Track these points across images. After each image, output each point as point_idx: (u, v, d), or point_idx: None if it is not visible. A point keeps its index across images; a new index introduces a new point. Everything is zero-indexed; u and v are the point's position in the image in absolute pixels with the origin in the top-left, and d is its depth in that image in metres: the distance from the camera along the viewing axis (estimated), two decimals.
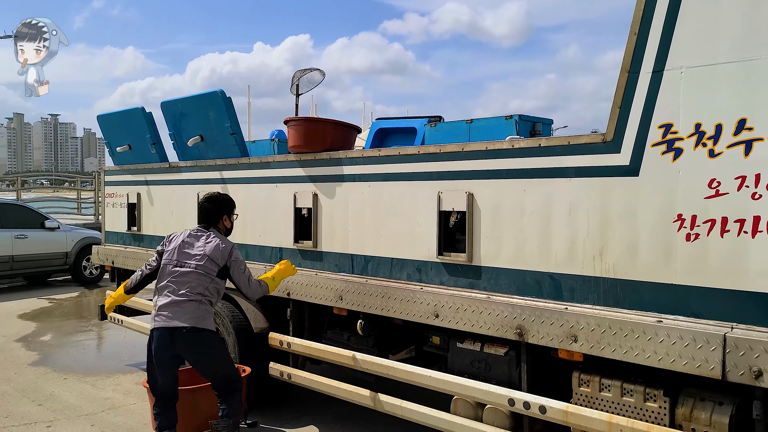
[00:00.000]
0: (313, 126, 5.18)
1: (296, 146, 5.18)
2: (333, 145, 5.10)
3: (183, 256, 4.52)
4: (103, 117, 7.43)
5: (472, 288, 4.14)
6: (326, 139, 5.13)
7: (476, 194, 4.11)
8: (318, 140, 5.14)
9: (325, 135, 5.14)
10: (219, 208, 4.75)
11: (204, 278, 4.47)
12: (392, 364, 4.51)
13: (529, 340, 3.75)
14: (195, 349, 4.49)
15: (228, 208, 4.79)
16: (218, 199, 4.77)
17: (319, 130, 5.16)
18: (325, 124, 5.22)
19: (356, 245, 4.86)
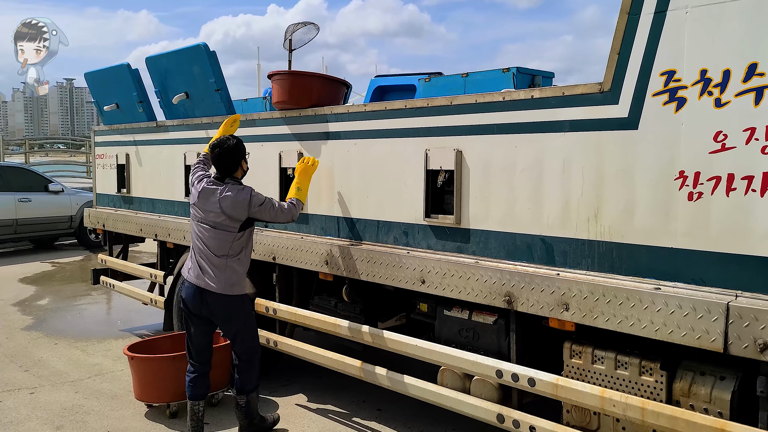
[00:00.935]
0: (299, 80, 4.87)
1: (280, 102, 4.89)
2: (320, 101, 4.80)
3: (203, 210, 4.28)
4: (91, 75, 7.16)
5: (460, 252, 3.88)
6: (312, 95, 4.83)
7: (465, 152, 3.81)
8: (304, 95, 4.84)
9: (311, 90, 4.84)
10: (236, 153, 4.33)
11: (225, 236, 4.23)
12: (377, 332, 4.28)
13: (518, 308, 3.49)
14: (223, 312, 4.31)
15: (243, 151, 4.42)
16: (232, 144, 4.35)
17: (305, 84, 4.86)
18: (311, 78, 4.92)
19: (342, 207, 4.60)
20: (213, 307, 4.27)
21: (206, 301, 4.25)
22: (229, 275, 4.25)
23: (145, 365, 4.82)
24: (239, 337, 4.42)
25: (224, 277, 4.23)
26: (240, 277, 4.32)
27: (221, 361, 5.02)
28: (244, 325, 4.41)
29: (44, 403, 5.15)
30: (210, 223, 4.25)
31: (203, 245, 4.26)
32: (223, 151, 4.30)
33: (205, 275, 4.23)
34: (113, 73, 6.78)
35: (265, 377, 5.56)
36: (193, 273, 4.29)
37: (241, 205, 4.21)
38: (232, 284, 4.26)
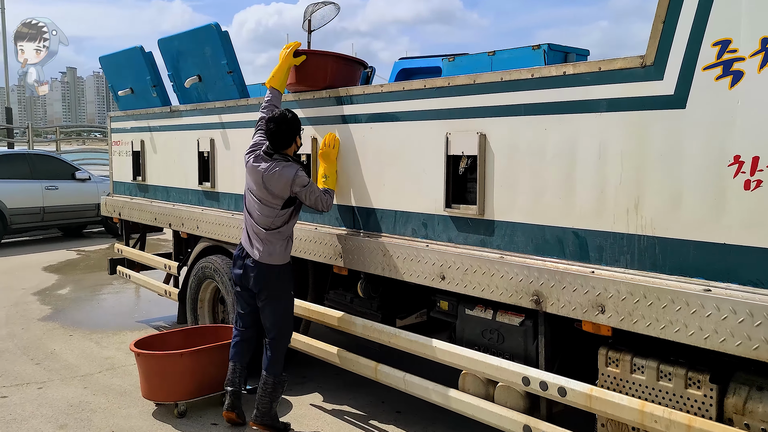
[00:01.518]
0: (311, 60, 4.55)
1: (292, 84, 4.57)
2: (334, 82, 4.47)
3: (253, 182, 4.20)
4: (105, 58, 6.94)
5: (484, 246, 3.53)
6: (326, 76, 4.50)
7: (489, 135, 3.46)
8: (317, 76, 4.52)
9: (325, 70, 4.51)
10: (292, 128, 4.18)
11: (268, 211, 4.16)
12: (393, 332, 3.96)
13: (547, 308, 3.14)
14: (257, 278, 4.23)
15: (299, 127, 4.25)
16: (288, 119, 4.16)
17: (318, 64, 4.52)
18: (324, 58, 4.58)
19: (358, 196, 4.27)
20: (250, 273, 4.23)
21: (247, 267, 4.24)
22: (269, 247, 4.19)
23: (152, 362, 4.58)
24: (270, 307, 4.28)
25: (265, 249, 4.18)
26: (280, 249, 4.22)
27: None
28: (275, 297, 4.28)
29: (51, 399, 4.96)
30: (256, 196, 4.19)
31: (250, 216, 4.26)
32: (278, 128, 4.15)
33: (251, 244, 4.23)
34: (126, 57, 6.54)
35: None
36: (244, 238, 4.31)
37: (284, 182, 4.09)
38: (270, 254, 4.19)
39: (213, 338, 5.08)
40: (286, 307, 4.33)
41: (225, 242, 5.39)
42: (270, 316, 4.26)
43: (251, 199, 4.23)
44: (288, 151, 4.20)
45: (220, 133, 5.54)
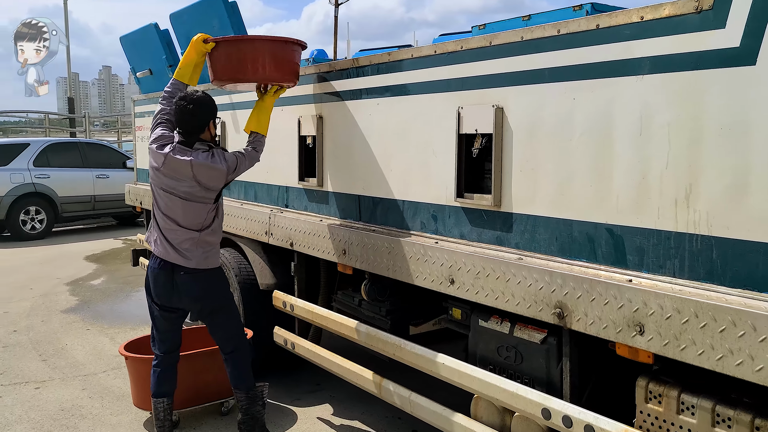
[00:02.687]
0: (226, 48, 3.65)
1: (215, 79, 3.72)
2: (266, 72, 3.65)
3: (173, 179, 3.54)
4: (124, 38, 6.58)
5: (500, 244, 2.89)
6: (252, 65, 3.61)
7: (507, 108, 2.81)
8: (241, 67, 3.62)
9: (246, 58, 3.61)
10: (206, 111, 3.60)
11: (199, 208, 3.58)
12: (397, 343, 3.37)
13: (572, 325, 2.49)
14: (197, 289, 3.65)
15: (214, 111, 3.68)
16: (203, 100, 3.59)
17: (238, 52, 3.64)
18: (242, 43, 3.72)
19: (363, 183, 3.70)
20: (184, 285, 3.60)
21: (176, 279, 3.59)
22: (204, 250, 3.61)
23: (141, 366, 4.13)
24: (218, 319, 3.74)
25: (200, 252, 3.59)
26: (214, 249, 3.68)
27: None
28: (223, 304, 3.73)
29: (44, 401, 4.61)
30: (181, 195, 3.54)
31: (170, 218, 3.58)
32: (195, 108, 3.54)
33: (177, 252, 3.58)
34: (143, 35, 6.16)
35: (288, 380, 4.81)
36: (161, 248, 3.62)
37: (218, 175, 3.55)
38: (206, 257, 3.62)
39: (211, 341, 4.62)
40: (237, 314, 3.84)
41: (233, 234, 4.91)
42: (223, 328, 3.75)
43: (170, 198, 3.56)
44: (204, 137, 3.62)
45: (231, 114, 5.06)
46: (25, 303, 7.35)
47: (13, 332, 6.24)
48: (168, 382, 3.80)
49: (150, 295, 3.74)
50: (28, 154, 12.52)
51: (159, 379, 3.79)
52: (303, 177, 4.18)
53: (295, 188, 4.29)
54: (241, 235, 4.77)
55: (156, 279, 3.65)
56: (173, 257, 3.58)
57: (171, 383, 3.82)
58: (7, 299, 7.52)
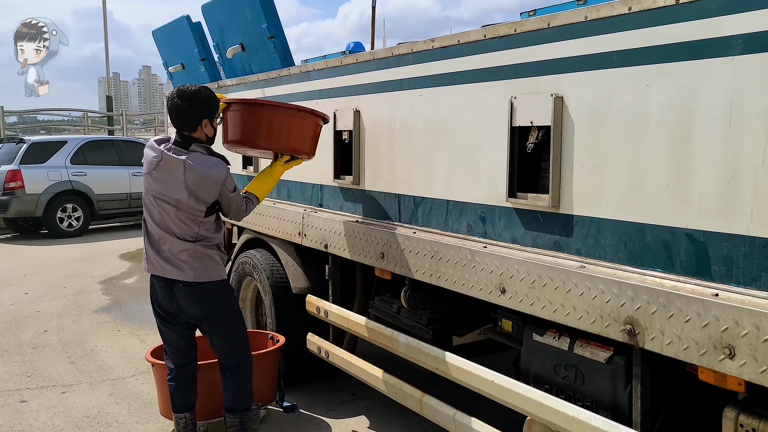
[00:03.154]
0: (237, 111, 3.47)
1: (226, 141, 3.56)
2: (282, 144, 3.53)
3: (164, 183, 3.32)
4: (156, 32, 6.41)
5: (559, 250, 2.58)
6: (263, 131, 3.46)
7: (568, 97, 2.50)
8: (251, 132, 3.48)
9: (259, 125, 3.47)
10: (199, 107, 3.33)
11: (190, 219, 3.30)
12: (441, 356, 3.08)
13: (645, 344, 2.17)
14: (197, 303, 3.40)
15: (210, 109, 3.39)
16: (196, 94, 3.33)
17: (248, 117, 3.47)
18: (253, 109, 3.53)
19: (404, 182, 3.41)
20: (184, 300, 3.35)
21: (175, 294, 3.34)
22: (202, 261, 3.33)
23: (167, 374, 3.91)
24: (220, 333, 3.50)
25: (198, 264, 3.31)
26: (216, 261, 3.40)
27: (266, 370, 4.06)
28: (225, 318, 3.48)
29: (70, 406, 4.44)
30: (171, 202, 3.28)
31: (164, 229, 3.33)
32: (183, 99, 3.29)
33: (170, 264, 3.31)
34: (175, 28, 5.97)
35: (322, 389, 4.56)
36: (155, 264, 3.37)
37: (211, 183, 3.26)
38: (205, 268, 3.33)
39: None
40: (241, 327, 3.57)
41: (265, 235, 4.68)
42: (225, 342, 3.50)
43: (161, 207, 3.30)
44: (199, 135, 3.35)
45: None
46: (58, 302, 7.25)
47: (44, 332, 6.13)
48: (186, 396, 3.58)
49: (154, 309, 3.52)
50: (65, 152, 12.55)
51: (176, 393, 3.57)
52: (338, 175, 3.91)
53: (330, 186, 4.03)
54: (273, 235, 4.53)
55: (155, 293, 3.45)
56: (169, 272, 3.32)
57: (190, 397, 3.60)
58: (41, 298, 7.44)
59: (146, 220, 3.43)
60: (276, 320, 4.41)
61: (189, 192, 3.25)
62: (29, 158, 12.12)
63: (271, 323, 4.45)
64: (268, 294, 4.46)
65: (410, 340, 3.29)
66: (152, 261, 3.39)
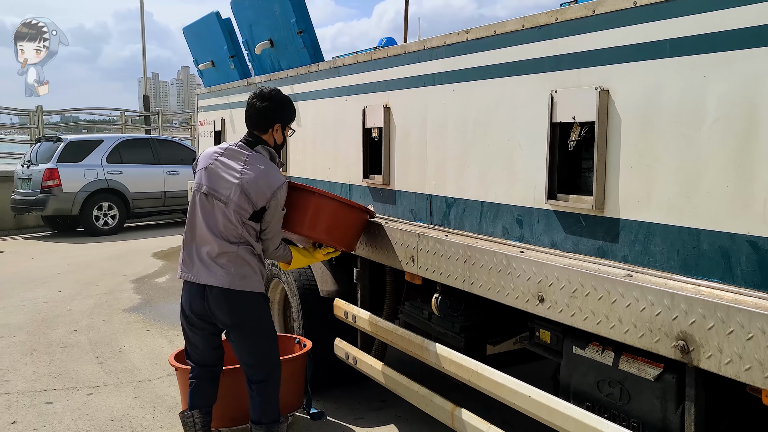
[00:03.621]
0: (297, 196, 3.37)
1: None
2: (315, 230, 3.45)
3: (216, 177, 3.21)
4: (187, 29, 6.34)
5: (603, 257, 2.38)
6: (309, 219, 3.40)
7: (614, 91, 2.30)
8: (296, 217, 3.38)
9: (305, 212, 3.39)
10: (274, 109, 3.29)
11: (235, 217, 3.16)
12: (474, 367, 2.90)
13: (700, 362, 1.96)
14: (229, 312, 3.23)
15: (285, 115, 3.36)
16: (274, 97, 3.30)
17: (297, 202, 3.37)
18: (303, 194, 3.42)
19: (435, 181, 3.24)
20: (215, 303, 3.19)
21: (207, 296, 3.19)
22: (240, 267, 3.17)
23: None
24: (247, 344, 3.33)
25: (235, 269, 3.15)
26: (254, 268, 3.23)
27: (292, 376, 3.92)
28: (254, 330, 3.31)
29: (95, 409, 4.37)
30: (222, 198, 3.16)
31: (208, 226, 3.18)
32: (262, 99, 3.26)
33: (206, 269, 3.17)
34: (205, 25, 5.89)
35: (351, 396, 4.41)
36: (190, 267, 3.24)
37: (266, 186, 3.13)
38: (242, 276, 3.17)
39: None
40: (270, 342, 3.40)
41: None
42: (251, 355, 3.33)
43: (209, 202, 3.19)
44: (266, 138, 3.29)
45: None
46: (90, 300, 7.25)
47: (74, 332, 6.10)
48: (201, 395, 3.44)
49: (182, 311, 3.37)
50: (101, 151, 12.65)
51: (196, 391, 3.44)
52: (367, 174, 3.76)
53: (359, 186, 3.87)
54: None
55: (186, 295, 3.31)
56: (204, 277, 3.18)
57: (205, 396, 3.46)
58: (73, 296, 7.45)
59: (190, 219, 3.29)
60: (303, 324, 4.27)
61: (242, 189, 3.13)
62: (66, 157, 12.24)
63: (299, 327, 4.32)
64: (295, 297, 4.33)
65: (441, 349, 3.11)
66: (188, 265, 3.26)
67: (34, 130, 15.92)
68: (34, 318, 6.54)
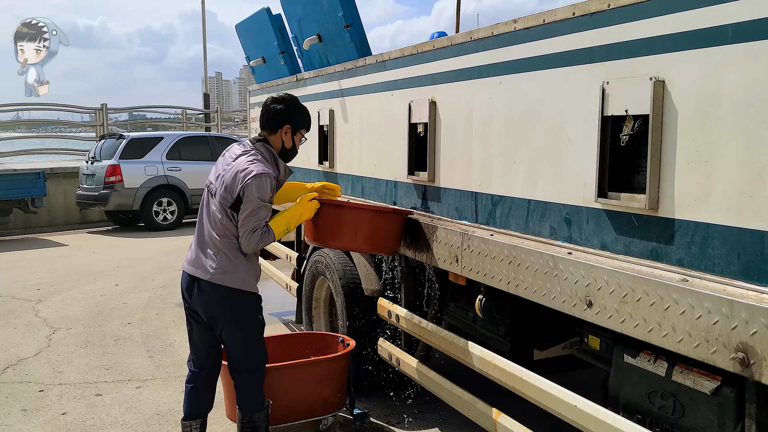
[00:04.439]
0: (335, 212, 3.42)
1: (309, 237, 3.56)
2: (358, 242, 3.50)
3: (212, 175, 3.32)
4: (240, 26, 6.37)
5: (656, 260, 2.22)
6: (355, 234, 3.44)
7: (670, 81, 2.13)
8: (342, 232, 3.44)
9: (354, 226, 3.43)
10: (285, 111, 3.29)
11: (219, 213, 3.17)
12: (519, 373, 2.76)
13: (762, 377, 1.79)
14: (211, 305, 3.23)
15: (296, 118, 3.34)
16: (287, 100, 3.33)
17: (344, 219, 3.43)
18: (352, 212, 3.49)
19: (481, 179, 3.11)
20: (197, 297, 3.22)
21: (199, 288, 3.21)
22: (224, 262, 3.15)
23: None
24: (231, 337, 3.28)
25: (219, 264, 3.15)
26: (236, 264, 3.16)
27: (333, 376, 3.87)
28: (239, 327, 3.27)
29: (142, 403, 4.41)
30: (212, 188, 3.25)
31: (201, 220, 3.28)
32: (274, 101, 3.33)
33: (196, 257, 3.22)
34: (256, 21, 5.89)
35: (394, 398, 4.32)
36: (189, 255, 3.30)
37: (241, 172, 3.10)
38: (224, 271, 3.14)
39: (316, 349, 4.23)
40: (257, 338, 3.36)
41: None
42: (235, 346, 3.29)
43: (208, 192, 3.28)
44: (273, 140, 3.27)
45: (340, 102, 4.63)
46: (145, 294, 7.38)
47: (127, 324, 6.22)
48: (199, 404, 3.42)
49: (185, 302, 3.37)
50: (161, 148, 12.92)
51: (189, 398, 3.41)
52: (413, 171, 3.66)
53: (404, 183, 3.78)
54: None
55: (183, 283, 3.34)
56: (192, 268, 3.22)
57: (203, 405, 3.44)
58: (129, 290, 7.61)
59: (198, 214, 3.36)
60: (347, 323, 4.20)
61: (223, 178, 3.16)
62: (128, 153, 12.56)
63: (343, 326, 4.26)
64: (339, 295, 4.27)
65: (485, 354, 2.99)
66: (188, 257, 3.32)
67: (99, 128, 16.39)
68: (91, 310, 6.70)
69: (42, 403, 4.38)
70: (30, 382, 4.76)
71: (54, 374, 4.92)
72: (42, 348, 5.53)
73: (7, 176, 12.15)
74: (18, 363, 5.17)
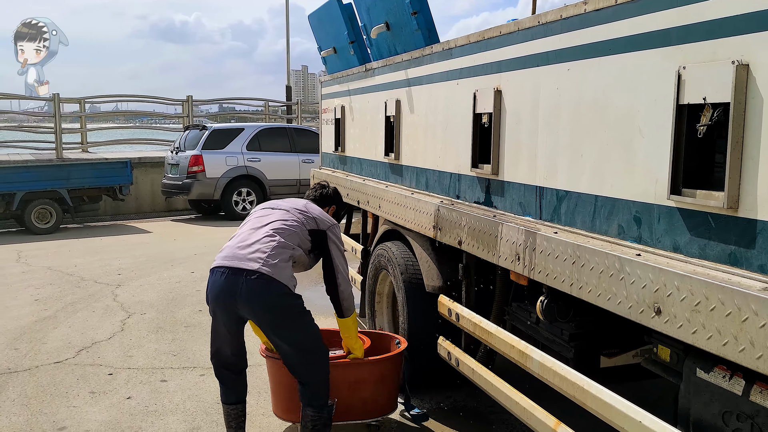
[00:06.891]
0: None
1: None
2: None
3: (275, 206, 3.64)
4: (312, 16, 6.33)
5: (735, 265, 1.98)
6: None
7: (755, 66, 1.89)
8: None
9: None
10: (330, 200, 3.97)
11: (295, 223, 3.40)
12: (581, 383, 2.57)
13: None
14: (260, 301, 3.21)
15: (339, 203, 4.08)
16: (333, 194, 4.04)
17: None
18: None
19: (545, 172, 2.92)
20: (248, 293, 3.16)
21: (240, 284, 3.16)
22: (279, 254, 3.24)
23: (281, 371, 3.68)
24: (289, 342, 3.31)
25: (272, 255, 3.20)
26: (289, 265, 3.30)
27: (384, 378, 3.75)
28: (294, 325, 3.30)
29: (204, 391, 4.46)
30: (281, 209, 3.52)
31: (262, 218, 3.48)
32: (324, 188, 4.04)
33: (245, 255, 3.20)
34: (327, 11, 5.83)
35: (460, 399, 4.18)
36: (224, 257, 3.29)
37: (326, 218, 3.61)
38: (276, 264, 3.19)
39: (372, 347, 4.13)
40: (312, 332, 3.40)
41: (402, 226, 4.37)
42: (286, 353, 3.34)
43: (268, 211, 3.55)
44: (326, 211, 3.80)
45: (406, 92, 4.51)
46: None
47: (198, 311, 6.34)
48: (235, 392, 3.52)
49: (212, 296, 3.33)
50: (242, 139, 13.20)
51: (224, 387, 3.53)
52: (476, 163, 3.49)
53: (468, 176, 3.61)
54: (409, 228, 4.21)
55: (215, 283, 3.28)
56: (239, 261, 3.21)
57: (238, 392, 3.54)
58: (203, 277, 7.63)
59: (248, 222, 3.56)
60: (408, 319, 4.09)
61: (305, 212, 3.54)
62: (210, 144, 12.89)
63: (404, 322, 4.15)
64: (401, 290, 4.16)
65: (545, 359, 2.80)
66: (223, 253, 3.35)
67: (185, 119, 16.91)
68: (166, 296, 6.87)
69: (110, 387, 4.50)
70: (101, 365, 4.90)
71: (124, 358, 5.06)
72: (116, 332, 5.70)
73: (97, 165, 12.73)
74: (92, 346, 5.35)
